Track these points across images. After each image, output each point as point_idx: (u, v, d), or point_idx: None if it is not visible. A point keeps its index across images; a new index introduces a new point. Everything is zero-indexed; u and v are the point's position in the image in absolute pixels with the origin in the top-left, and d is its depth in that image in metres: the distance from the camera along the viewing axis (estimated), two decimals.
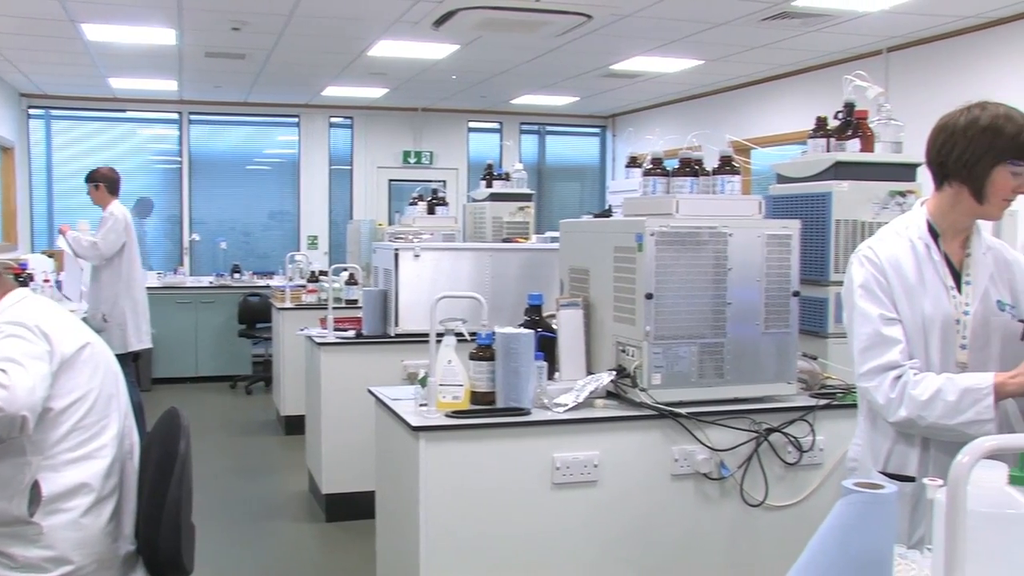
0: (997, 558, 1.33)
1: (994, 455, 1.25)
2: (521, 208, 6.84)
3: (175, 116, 11.57)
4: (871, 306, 2.43)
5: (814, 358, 3.49)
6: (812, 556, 1.44)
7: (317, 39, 7.90)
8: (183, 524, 2.31)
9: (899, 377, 2.36)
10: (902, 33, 7.41)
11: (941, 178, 2.44)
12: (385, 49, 8.20)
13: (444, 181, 11.81)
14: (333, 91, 10.70)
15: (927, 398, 2.30)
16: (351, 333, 5.55)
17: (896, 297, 2.43)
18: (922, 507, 2.32)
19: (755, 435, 3.17)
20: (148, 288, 7.31)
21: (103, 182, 6.85)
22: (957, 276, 2.45)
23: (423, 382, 3.12)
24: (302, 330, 6.02)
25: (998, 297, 2.44)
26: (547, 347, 3.25)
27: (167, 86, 10.33)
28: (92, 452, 2.28)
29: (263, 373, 9.88)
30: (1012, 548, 1.33)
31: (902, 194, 3.71)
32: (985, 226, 2.55)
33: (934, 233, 2.47)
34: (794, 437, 3.21)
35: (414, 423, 2.95)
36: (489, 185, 7.03)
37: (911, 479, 2.42)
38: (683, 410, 3.08)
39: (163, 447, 2.38)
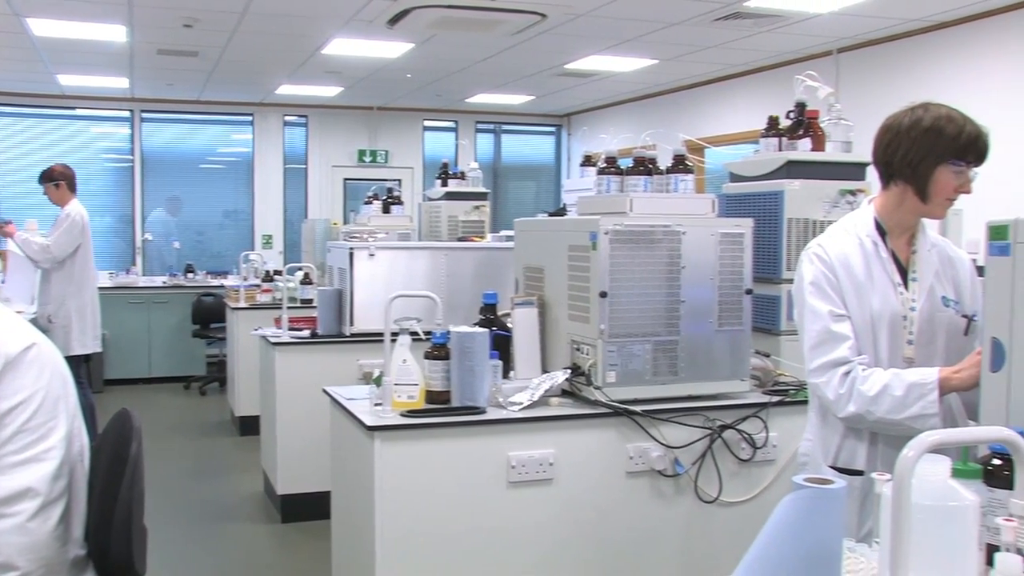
0: (940, 550, 1.35)
1: (938, 449, 1.27)
2: (476, 207, 6.83)
3: (127, 114, 11.42)
4: (821, 303, 2.46)
5: (767, 355, 3.52)
6: (761, 552, 1.45)
7: (271, 37, 7.85)
8: (135, 527, 2.28)
9: (848, 373, 2.39)
10: (852, 34, 7.51)
11: (887, 177, 2.48)
12: (339, 47, 8.16)
13: (399, 180, 11.75)
14: (287, 89, 10.63)
15: (875, 393, 2.34)
16: (306, 333, 5.52)
17: (845, 294, 2.47)
18: (870, 501, 2.36)
19: (709, 432, 3.19)
20: (100, 288, 7.18)
21: (63, 180, 6.71)
22: (904, 273, 2.50)
23: (378, 381, 3.12)
24: (256, 330, 5.98)
25: (943, 293, 2.49)
26: (502, 346, 3.25)
27: (118, 83, 10.20)
28: (39, 455, 2.24)
29: (217, 373, 9.79)
30: (954, 540, 1.36)
31: (852, 193, 3.75)
32: (931, 224, 2.59)
33: (881, 231, 2.51)
34: (748, 434, 3.24)
35: (369, 423, 2.95)
36: (444, 184, 7.02)
37: (860, 473, 2.46)
38: (638, 408, 3.10)
39: (114, 449, 2.34)
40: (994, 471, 1.65)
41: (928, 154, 2.37)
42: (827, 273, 2.48)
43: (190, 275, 10.61)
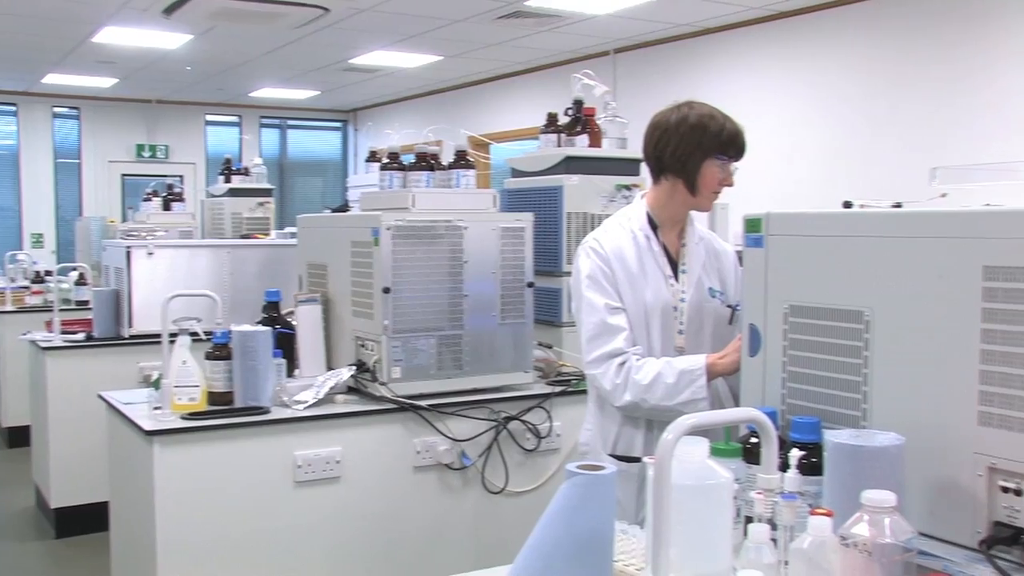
0: (699, 526, 1.44)
1: (698, 431, 1.35)
2: (261, 203, 6.73)
3: None
4: (597, 296, 2.55)
5: (550, 347, 3.61)
6: (538, 538, 1.50)
7: (32, 21, 7.39)
8: None
9: (623, 363, 2.49)
10: (627, 36, 7.81)
11: (658, 172, 2.59)
12: (112, 36, 7.81)
13: (181, 176, 11.39)
14: (56, 79, 10.07)
15: (649, 382, 2.44)
16: (81, 336, 5.25)
17: (620, 286, 2.56)
18: (647, 486, 2.47)
19: (494, 424, 3.24)
20: None
21: None
22: (675, 265, 2.62)
23: (156, 384, 3.01)
24: (25, 334, 5.64)
25: (710, 285, 2.63)
26: (286, 344, 3.20)
27: None
28: None
29: None
30: (711, 515, 1.45)
31: (628, 187, 3.89)
32: (699, 217, 2.73)
33: (653, 225, 2.62)
34: (532, 424, 3.31)
35: (147, 427, 2.84)
36: (228, 180, 6.86)
37: (638, 460, 2.56)
38: (423, 402, 3.11)
39: None
40: (751, 449, 1.76)
41: (696, 149, 2.50)
42: (603, 266, 2.56)
43: None
